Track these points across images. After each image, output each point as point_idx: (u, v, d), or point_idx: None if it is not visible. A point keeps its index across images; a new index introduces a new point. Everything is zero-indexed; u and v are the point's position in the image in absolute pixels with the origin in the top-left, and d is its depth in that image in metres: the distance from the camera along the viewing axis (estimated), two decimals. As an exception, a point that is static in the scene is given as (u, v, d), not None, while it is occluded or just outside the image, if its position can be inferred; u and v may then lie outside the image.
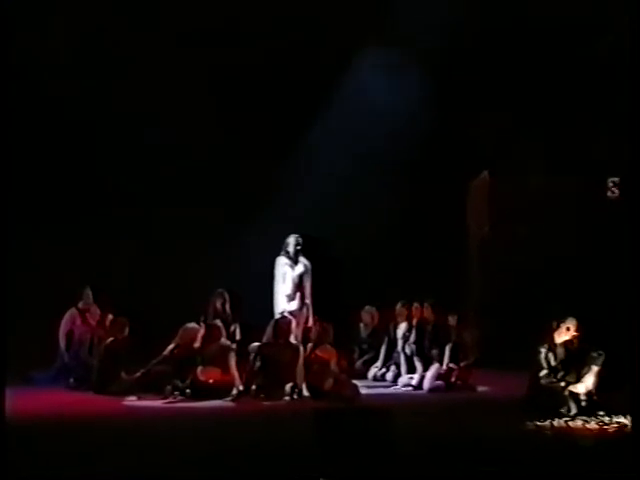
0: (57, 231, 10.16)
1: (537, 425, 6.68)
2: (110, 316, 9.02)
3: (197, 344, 8.37)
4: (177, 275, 10.36)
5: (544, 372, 7.23)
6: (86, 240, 10.22)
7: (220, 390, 7.96)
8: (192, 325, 8.62)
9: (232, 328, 9.30)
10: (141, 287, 10.26)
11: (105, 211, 10.49)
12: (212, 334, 8.34)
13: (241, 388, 8.03)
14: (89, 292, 9.13)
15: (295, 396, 7.95)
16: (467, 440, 6.06)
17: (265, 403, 7.83)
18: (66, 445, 5.85)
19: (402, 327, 9.21)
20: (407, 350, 9.05)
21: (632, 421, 6.48)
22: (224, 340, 8.39)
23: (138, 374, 8.32)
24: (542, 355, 7.27)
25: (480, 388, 8.74)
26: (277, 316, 8.66)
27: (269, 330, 8.31)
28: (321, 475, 5.01)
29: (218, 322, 8.70)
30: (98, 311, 9.11)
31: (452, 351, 8.79)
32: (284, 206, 10.57)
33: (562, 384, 7.14)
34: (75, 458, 5.51)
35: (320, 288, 9.04)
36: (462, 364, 8.80)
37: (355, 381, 8.38)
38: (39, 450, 5.69)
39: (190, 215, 10.56)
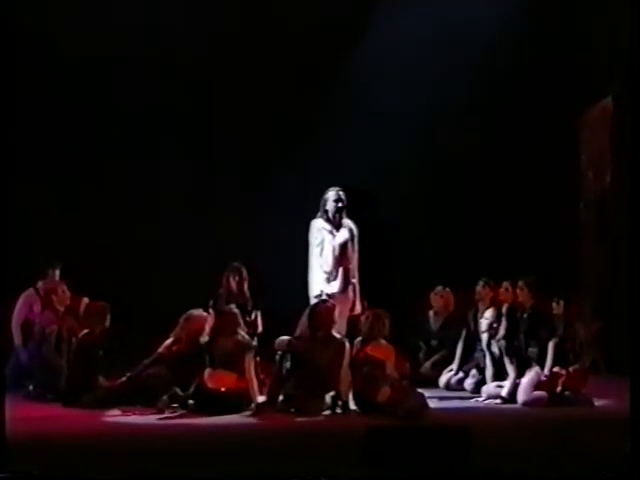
0: (20, 192, 10.24)
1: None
2: (85, 300, 9.00)
3: (204, 338, 8.43)
4: (176, 245, 10.48)
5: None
6: (55, 201, 10.34)
7: (235, 401, 7.98)
8: (197, 312, 8.66)
9: (252, 316, 9.40)
10: (127, 261, 10.33)
11: (81, 163, 10.60)
12: (225, 324, 8.35)
13: (264, 399, 8.08)
14: (56, 268, 9.12)
15: (338, 410, 7.99)
16: (581, 474, 5.98)
17: (297, 419, 7.82)
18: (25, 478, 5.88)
19: (487, 316, 9.13)
20: (494, 348, 8.99)
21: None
22: (241, 333, 8.39)
23: (123, 379, 8.35)
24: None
25: (598, 402, 8.67)
26: (313, 300, 8.69)
27: (303, 319, 8.29)
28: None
29: (233, 308, 8.68)
30: (68, 293, 9.11)
31: (558, 349, 8.70)
32: (321, 150, 10.57)
33: None
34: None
35: (371, 262, 9.08)
36: (572, 368, 8.72)
37: (421, 390, 8.30)
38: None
39: (192, 164, 10.66)
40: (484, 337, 9.09)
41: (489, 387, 8.92)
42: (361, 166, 10.43)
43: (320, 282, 8.80)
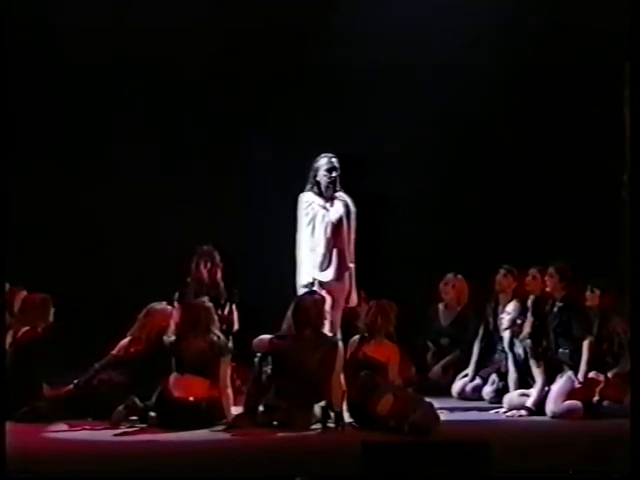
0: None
1: None
2: (23, 293, 9.03)
3: (169, 337, 8.51)
4: (134, 223, 10.42)
5: None
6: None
7: (206, 413, 8.06)
8: (160, 306, 8.75)
9: (226, 311, 9.55)
10: (73, 244, 10.31)
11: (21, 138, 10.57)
12: (196, 321, 8.41)
13: (240, 410, 8.13)
14: None
15: (330, 423, 8.03)
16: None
17: (280, 435, 7.86)
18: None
19: (509, 309, 9.20)
20: (518, 348, 9.04)
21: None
22: (216, 332, 8.43)
23: (70, 387, 8.42)
24: None
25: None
26: (301, 291, 8.77)
27: (288, 315, 8.36)
28: None
29: (206, 301, 8.74)
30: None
31: (594, 350, 8.74)
32: (309, 108, 10.60)
33: None
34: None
35: (370, 243, 9.16)
36: (612, 372, 8.77)
37: (430, 399, 8.30)
38: None
39: (156, 130, 10.66)
40: (506, 336, 9.13)
41: (512, 396, 8.95)
42: (358, 128, 10.42)
43: (311, 268, 8.84)
